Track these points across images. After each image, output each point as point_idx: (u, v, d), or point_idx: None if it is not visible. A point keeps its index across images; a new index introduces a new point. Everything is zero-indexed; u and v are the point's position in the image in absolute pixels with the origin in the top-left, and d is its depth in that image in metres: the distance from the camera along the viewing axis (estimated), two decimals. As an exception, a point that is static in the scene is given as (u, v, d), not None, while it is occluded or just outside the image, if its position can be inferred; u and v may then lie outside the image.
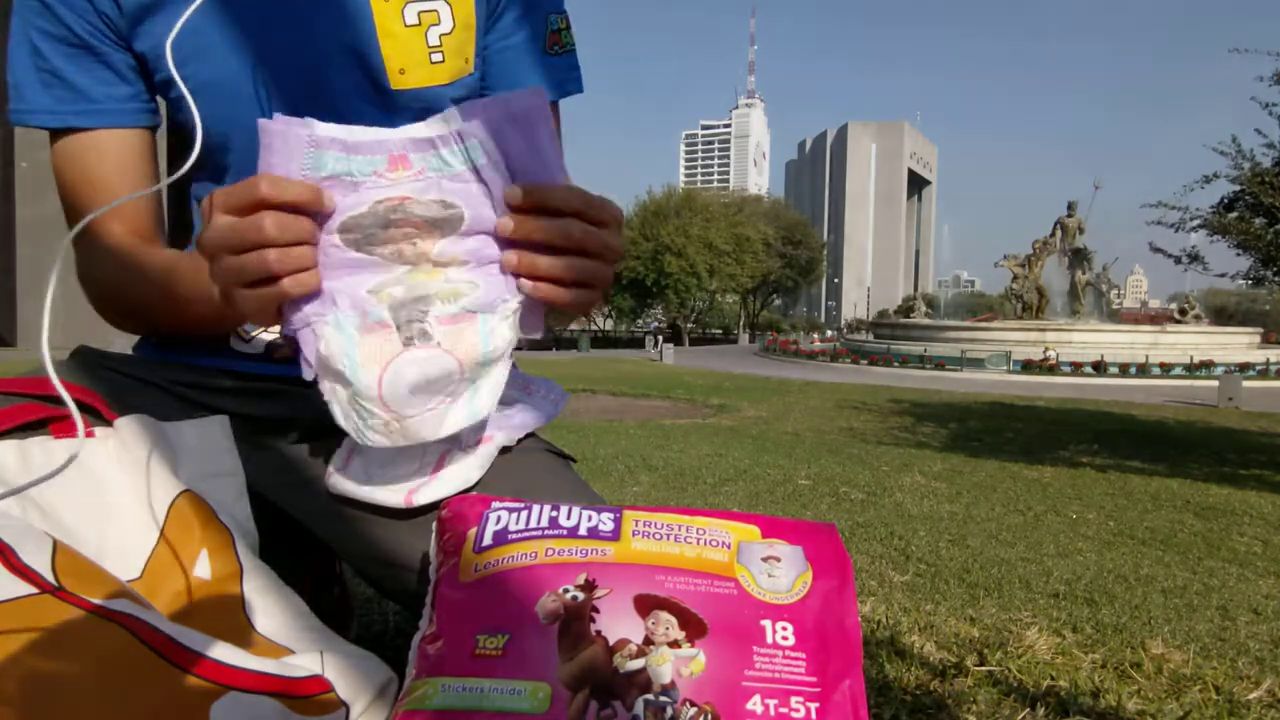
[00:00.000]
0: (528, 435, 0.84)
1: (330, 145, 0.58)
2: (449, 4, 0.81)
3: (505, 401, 0.84)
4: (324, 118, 0.73)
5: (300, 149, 0.57)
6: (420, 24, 0.79)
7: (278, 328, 0.72)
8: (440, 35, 0.80)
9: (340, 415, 0.62)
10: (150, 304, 0.78)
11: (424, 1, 0.79)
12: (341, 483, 0.73)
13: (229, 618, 0.62)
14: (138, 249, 0.78)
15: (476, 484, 0.75)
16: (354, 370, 0.60)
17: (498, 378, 0.66)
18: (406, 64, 0.80)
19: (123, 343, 0.92)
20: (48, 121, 0.77)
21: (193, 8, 0.69)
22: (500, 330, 0.64)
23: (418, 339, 0.61)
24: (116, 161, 0.78)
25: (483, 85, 0.87)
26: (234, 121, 0.77)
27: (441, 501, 0.70)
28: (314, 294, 0.60)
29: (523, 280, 0.62)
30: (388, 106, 0.80)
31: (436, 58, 0.81)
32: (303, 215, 0.57)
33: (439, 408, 0.64)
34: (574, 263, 0.61)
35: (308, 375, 0.61)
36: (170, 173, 0.88)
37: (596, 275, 0.62)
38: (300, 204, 0.56)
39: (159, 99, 0.81)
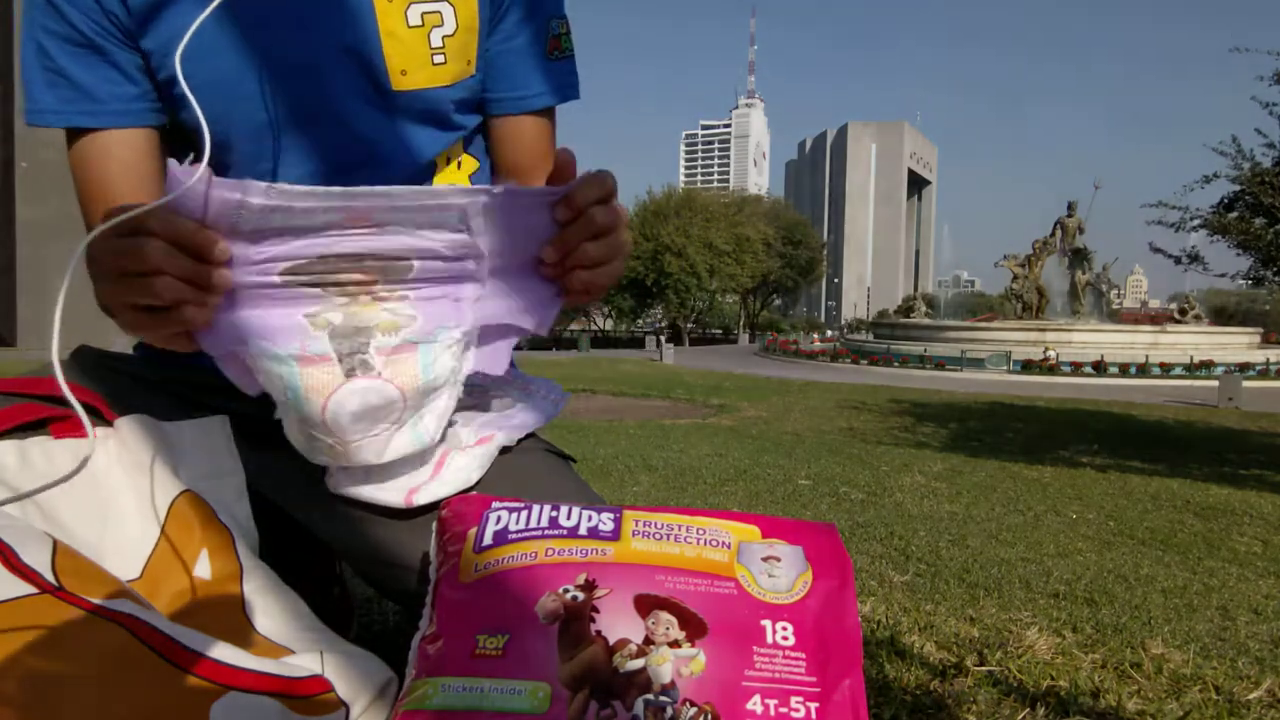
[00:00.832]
0: (528, 435, 0.83)
1: (273, 213, 0.56)
2: (452, 5, 0.80)
3: (505, 402, 0.84)
4: (325, 118, 0.74)
5: (227, 208, 0.55)
6: (423, 25, 0.79)
7: None
8: (443, 37, 0.80)
9: (290, 432, 0.66)
10: None
11: (427, 2, 0.79)
12: (341, 483, 0.73)
13: (229, 618, 0.62)
14: None
15: (476, 484, 0.75)
16: (298, 401, 0.62)
17: (443, 406, 0.69)
18: (408, 65, 0.79)
19: (123, 343, 0.92)
20: (52, 121, 0.77)
21: (210, 9, 0.69)
22: (442, 359, 0.66)
23: (359, 369, 0.63)
24: (121, 161, 0.78)
25: (483, 88, 0.87)
26: (234, 121, 0.77)
27: (441, 501, 0.70)
28: (234, 325, 0.60)
29: (573, 281, 0.65)
30: (388, 107, 0.80)
31: (438, 59, 0.80)
32: (194, 254, 0.56)
33: (383, 434, 0.66)
34: (605, 243, 0.64)
35: (252, 391, 0.63)
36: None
37: (623, 246, 0.66)
38: (190, 248, 0.55)
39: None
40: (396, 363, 0.64)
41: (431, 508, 0.72)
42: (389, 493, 0.72)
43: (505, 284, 0.66)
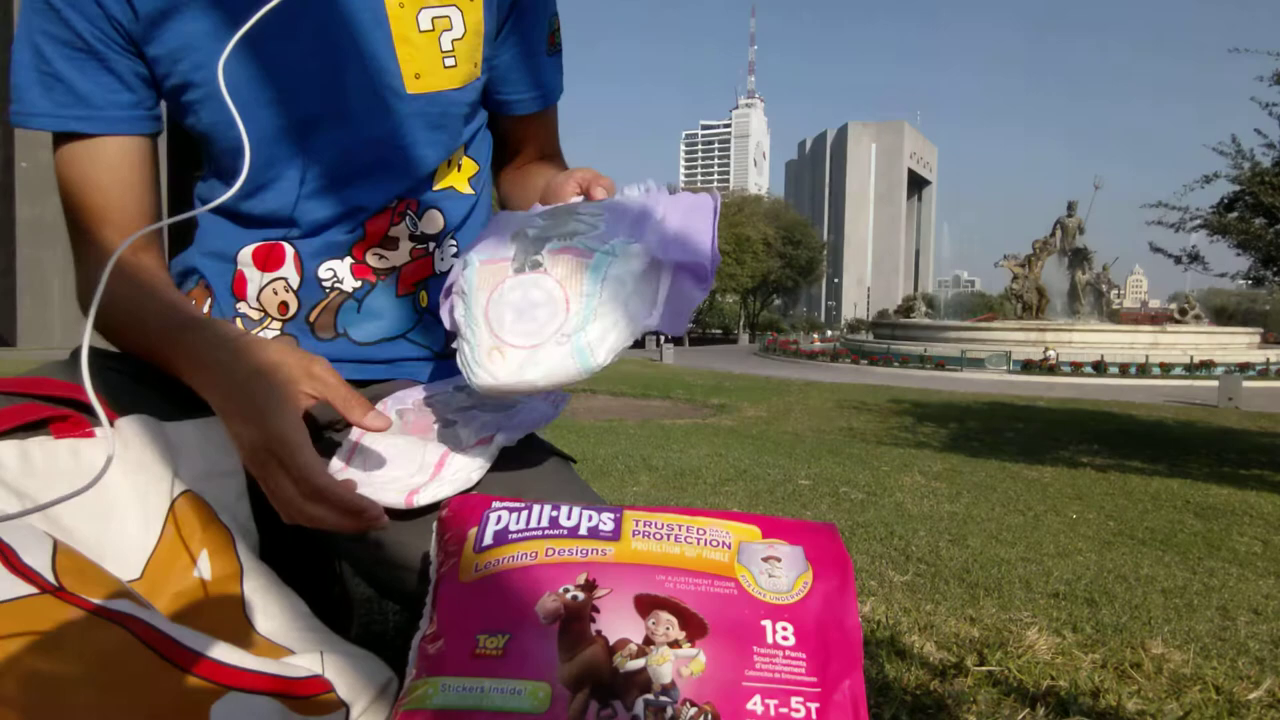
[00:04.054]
0: (528, 436, 0.83)
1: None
2: (460, 10, 0.81)
3: (505, 402, 0.84)
4: (339, 123, 0.77)
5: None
6: (434, 29, 0.80)
7: (278, 327, 0.75)
8: (452, 40, 0.82)
9: (460, 358, 0.67)
10: (142, 337, 0.76)
11: (437, 7, 0.80)
12: (342, 483, 0.73)
13: (229, 618, 0.62)
14: (143, 274, 0.77)
15: (477, 484, 0.75)
16: (469, 302, 0.66)
17: (613, 339, 0.64)
18: (422, 69, 0.80)
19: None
20: (47, 124, 0.76)
21: (257, 17, 0.69)
22: (616, 269, 0.64)
23: (528, 267, 0.65)
24: (113, 168, 0.78)
25: (495, 90, 0.90)
26: (249, 127, 0.76)
27: (442, 502, 0.70)
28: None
29: None
30: (403, 111, 0.81)
31: (449, 62, 0.82)
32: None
33: (543, 345, 0.63)
34: None
35: (446, 325, 0.70)
36: (171, 173, 0.88)
37: None
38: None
39: (162, 103, 0.81)
40: (563, 261, 0.65)
41: (432, 508, 0.72)
42: (389, 494, 0.72)
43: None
